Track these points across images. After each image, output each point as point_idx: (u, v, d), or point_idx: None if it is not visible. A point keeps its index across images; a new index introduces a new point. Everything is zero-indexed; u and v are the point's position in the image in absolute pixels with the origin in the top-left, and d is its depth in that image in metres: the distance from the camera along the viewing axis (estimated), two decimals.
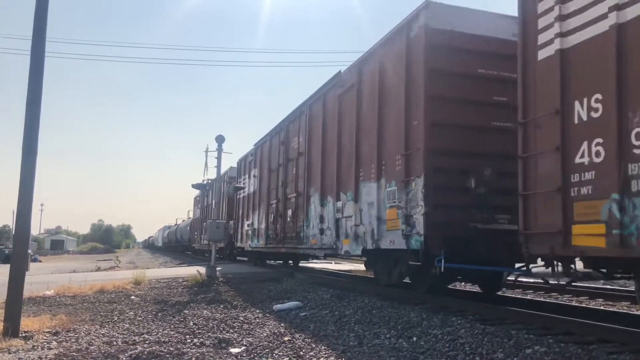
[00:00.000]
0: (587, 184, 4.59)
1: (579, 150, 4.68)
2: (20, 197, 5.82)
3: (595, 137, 4.52)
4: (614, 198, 4.29)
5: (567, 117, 4.81)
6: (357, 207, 8.77)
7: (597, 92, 4.54)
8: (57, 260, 44.71)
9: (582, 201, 4.62)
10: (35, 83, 6.01)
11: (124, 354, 4.70)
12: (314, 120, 11.45)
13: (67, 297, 9.18)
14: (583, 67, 4.71)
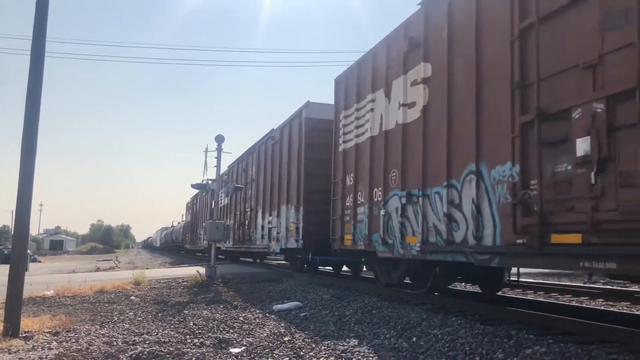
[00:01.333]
0: (347, 215, 9.66)
1: (346, 200, 9.77)
2: (19, 198, 5.82)
3: (350, 194, 9.60)
4: (352, 223, 9.39)
5: (344, 182, 9.92)
6: (278, 221, 13.92)
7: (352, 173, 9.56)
8: (57, 261, 44.69)
9: (347, 223, 9.68)
10: (35, 83, 6.01)
11: (124, 354, 4.70)
12: (261, 157, 16.31)
13: (67, 298, 9.18)
14: (357, 159, 9.42)
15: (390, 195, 8.00)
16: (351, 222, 9.39)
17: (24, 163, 5.87)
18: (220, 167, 14.47)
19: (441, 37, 6.87)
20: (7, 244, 44.35)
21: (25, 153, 5.88)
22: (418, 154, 7.22)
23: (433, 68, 7.07)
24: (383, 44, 8.58)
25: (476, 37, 6.13)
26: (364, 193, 8.96)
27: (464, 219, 6.16)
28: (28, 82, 6.00)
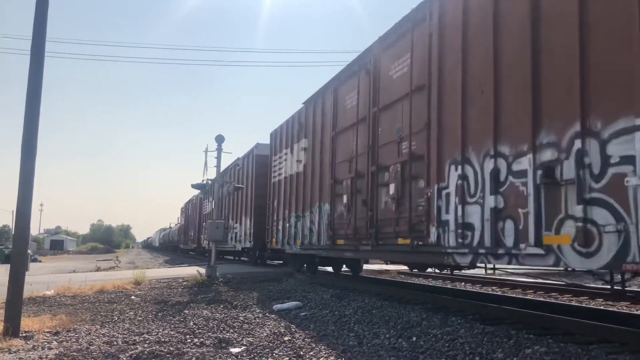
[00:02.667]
0: (274, 226, 14.27)
1: (273, 216, 14.36)
2: (19, 198, 5.82)
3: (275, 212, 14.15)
4: (276, 231, 14.12)
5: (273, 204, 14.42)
6: (240, 227, 19.33)
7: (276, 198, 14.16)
8: (57, 261, 44.69)
9: (273, 231, 14.38)
10: (35, 83, 6.01)
11: (124, 353, 4.70)
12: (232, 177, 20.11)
13: (67, 297, 9.18)
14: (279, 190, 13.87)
15: (290, 214, 12.73)
16: (275, 231, 14.16)
17: (24, 163, 5.87)
18: (220, 167, 14.48)
19: (310, 124, 11.64)
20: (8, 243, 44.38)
21: (26, 153, 5.89)
22: (300, 192, 12.08)
23: (309, 142, 11.73)
24: (288, 121, 13.49)
25: (322, 129, 10.97)
26: (281, 212, 13.65)
27: (316, 230, 10.87)
28: (28, 82, 6.00)
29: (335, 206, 9.80)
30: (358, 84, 9.19)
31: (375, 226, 8.11)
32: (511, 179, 5.31)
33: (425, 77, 6.96)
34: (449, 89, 6.47)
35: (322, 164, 10.69)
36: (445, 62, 6.56)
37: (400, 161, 7.49)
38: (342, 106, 9.96)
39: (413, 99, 7.30)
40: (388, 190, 7.81)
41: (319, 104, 11.17)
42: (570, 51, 4.69)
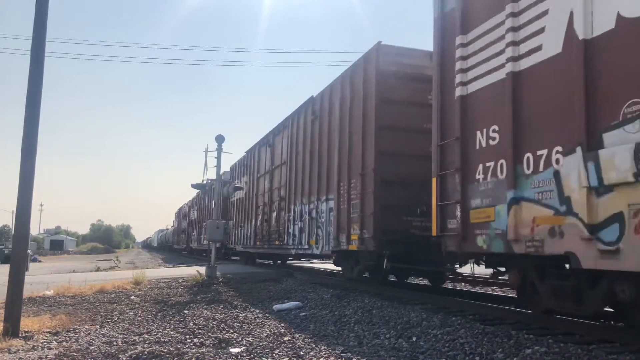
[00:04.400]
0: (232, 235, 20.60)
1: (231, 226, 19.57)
2: (19, 198, 5.82)
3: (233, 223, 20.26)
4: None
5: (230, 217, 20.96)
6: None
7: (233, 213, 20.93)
8: (57, 261, 44.68)
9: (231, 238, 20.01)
10: (35, 83, 6.01)
11: (124, 354, 4.70)
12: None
13: (67, 297, 9.18)
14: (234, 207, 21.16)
15: (238, 224, 19.89)
16: (232, 235, 21.25)
17: (24, 163, 5.87)
18: (220, 167, 14.49)
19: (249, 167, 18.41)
20: (8, 243, 44.37)
21: (25, 153, 5.89)
22: (242, 210, 19.56)
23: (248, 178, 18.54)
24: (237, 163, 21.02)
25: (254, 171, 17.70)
26: (234, 222, 20.95)
27: (250, 236, 17.94)
28: (28, 82, 6.00)
29: (257, 221, 16.56)
30: (266, 150, 16.20)
31: (269, 234, 14.98)
32: (306, 215, 11.84)
33: (287, 156, 13.89)
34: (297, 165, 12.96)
35: (253, 193, 17.54)
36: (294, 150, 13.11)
37: (278, 199, 14.44)
38: (261, 159, 16.79)
39: (282, 167, 14.29)
40: (273, 215, 14.85)
41: (253, 155, 17.84)
42: None
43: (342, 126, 10.07)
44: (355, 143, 9.40)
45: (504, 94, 5.59)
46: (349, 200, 9.46)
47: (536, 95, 5.22)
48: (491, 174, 5.76)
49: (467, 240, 6.03)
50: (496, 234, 5.54)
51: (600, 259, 4.32)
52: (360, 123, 9.21)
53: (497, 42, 5.78)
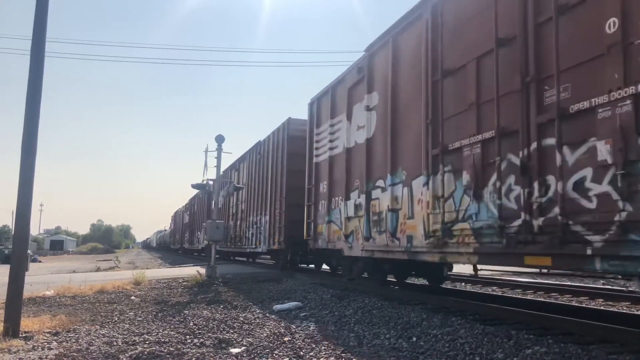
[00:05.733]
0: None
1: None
2: (19, 198, 5.82)
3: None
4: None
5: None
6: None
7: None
8: (57, 261, 44.68)
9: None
10: (35, 83, 6.01)
11: (124, 354, 4.70)
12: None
13: (67, 298, 9.18)
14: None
15: None
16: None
17: (24, 163, 5.87)
18: (220, 167, 14.48)
19: None
20: (8, 244, 44.38)
21: (25, 153, 5.88)
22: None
23: None
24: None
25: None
26: None
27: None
28: (28, 82, 6.00)
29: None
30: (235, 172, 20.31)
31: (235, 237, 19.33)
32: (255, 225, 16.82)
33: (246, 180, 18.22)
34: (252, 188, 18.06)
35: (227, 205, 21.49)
36: None
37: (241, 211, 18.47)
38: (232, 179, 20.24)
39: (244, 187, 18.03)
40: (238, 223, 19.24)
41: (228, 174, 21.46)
42: None
43: (272, 166, 15.08)
44: (278, 179, 14.45)
45: (327, 166, 10.46)
46: (274, 216, 14.51)
47: (337, 170, 10.06)
48: (323, 207, 10.65)
49: (315, 242, 10.98)
50: (323, 239, 10.51)
51: (347, 251, 9.28)
52: (279, 166, 14.34)
53: (327, 137, 10.56)
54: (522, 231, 5.10)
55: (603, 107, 4.32)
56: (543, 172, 4.93)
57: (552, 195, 4.79)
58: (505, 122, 5.39)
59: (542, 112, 4.96)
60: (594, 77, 4.46)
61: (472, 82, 5.94)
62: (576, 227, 4.52)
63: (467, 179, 5.91)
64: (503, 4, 5.53)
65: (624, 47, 4.16)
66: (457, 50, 6.31)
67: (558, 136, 4.72)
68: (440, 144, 6.46)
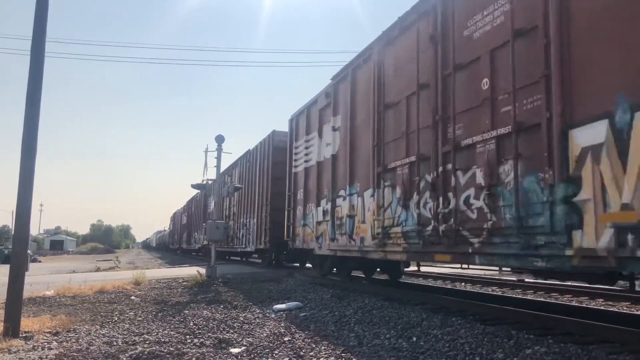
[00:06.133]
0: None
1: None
2: (19, 198, 5.82)
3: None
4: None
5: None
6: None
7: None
8: (57, 261, 44.68)
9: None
10: (35, 83, 6.01)
11: (124, 354, 4.70)
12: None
13: (67, 298, 9.18)
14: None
15: None
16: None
17: (24, 163, 5.87)
18: (220, 167, 14.48)
19: None
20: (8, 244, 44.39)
21: (25, 153, 5.88)
22: None
23: None
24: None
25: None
26: None
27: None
28: (28, 82, 6.00)
29: None
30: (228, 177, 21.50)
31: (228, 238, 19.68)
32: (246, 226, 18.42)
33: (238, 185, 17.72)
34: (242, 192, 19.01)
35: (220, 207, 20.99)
36: None
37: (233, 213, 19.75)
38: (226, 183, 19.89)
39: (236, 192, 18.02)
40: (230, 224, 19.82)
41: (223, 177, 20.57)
42: None
43: (259, 173, 16.60)
44: (264, 185, 15.99)
45: (303, 176, 11.75)
46: (261, 219, 16.13)
47: (310, 180, 11.27)
48: (299, 212, 11.93)
49: (294, 242, 12.35)
50: (300, 240, 11.81)
51: (318, 250, 10.68)
52: (265, 173, 15.85)
53: (303, 151, 11.81)
54: (433, 235, 6.53)
55: (479, 143, 5.80)
56: (445, 190, 6.35)
57: (451, 208, 6.18)
58: (423, 149, 6.90)
59: (445, 144, 6.41)
60: (476, 120, 5.90)
61: (404, 115, 7.45)
62: (464, 232, 5.94)
63: (399, 193, 7.41)
64: (423, 58, 7.02)
65: (492, 100, 5.65)
66: (395, 89, 7.80)
67: (454, 163, 6.21)
68: (382, 164, 7.96)
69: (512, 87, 5.31)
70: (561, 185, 4.64)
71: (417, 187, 6.98)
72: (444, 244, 6.31)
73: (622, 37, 4.18)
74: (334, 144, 10.02)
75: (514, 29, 5.38)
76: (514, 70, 5.32)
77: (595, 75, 4.39)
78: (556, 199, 4.68)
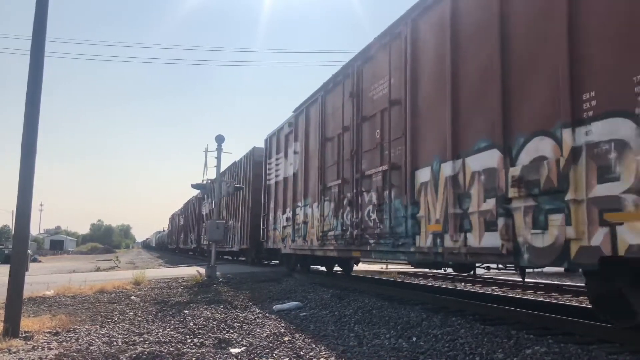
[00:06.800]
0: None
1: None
2: (19, 198, 5.82)
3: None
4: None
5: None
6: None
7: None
8: (57, 261, 44.67)
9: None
10: (35, 83, 6.01)
11: (124, 354, 4.70)
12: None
13: (67, 297, 9.18)
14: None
15: None
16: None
17: (24, 163, 5.87)
18: (220, 167, 14.48)
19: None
20: (8, 243, 44.38)
21: (25, 153, 5.88)
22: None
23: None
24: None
25: None
26: None
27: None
28: (28, 82, 5.99)
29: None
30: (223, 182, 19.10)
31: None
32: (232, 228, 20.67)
33: None
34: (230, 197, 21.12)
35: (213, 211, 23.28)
36: None
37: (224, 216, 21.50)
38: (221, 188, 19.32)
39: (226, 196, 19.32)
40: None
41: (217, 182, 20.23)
42: None
43: (242, 183, 18.46)
44: (246, 193, 18.16)
45: (274, 188, 13.91)
46: (243, 222, 18.38)
47: (279, 192, 13.36)
48: (271, 218, 14.12)
49: (267, 243, 14.65)
50: (271, 241, 13.98)
51: (283, 250, 12.95)
52: (247, 184, 18.06)
53: (274, 167, 13.94)
54: (350, 237, 8.81)
55: (374, 174, 8.03)
56: (357, 205, 8.58)
57: (360, 219, 8.46)
58: (346, 175, 9.18)
59: (357, 172, 8.65)
60: (373, 158, 8.19)
61: (336, 148, 9.75)
62: (366, 235, 8.22)
63: (333, 206, 9.76)
64: (347, 107, 9.28)
65: (381, 145, 7.90)
66: (331, 127, 10.09)
67: (361, 187, 8.51)
68: (323, 183, 10.26)
69: (389, 139, 7.66)
70: (411, 206, 6.91)
71: (342, 202, 9.27)
72: (356, 244, 8.61)
73: (434, 121, 6.55)
74: (295, 164, 12.28)
75: (390, 100, 7.66)
76: (390, 127, 7.66)
77: (424, 141, 6.77)
78: (408, 215, 6.94)
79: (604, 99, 4.11)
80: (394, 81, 7.60)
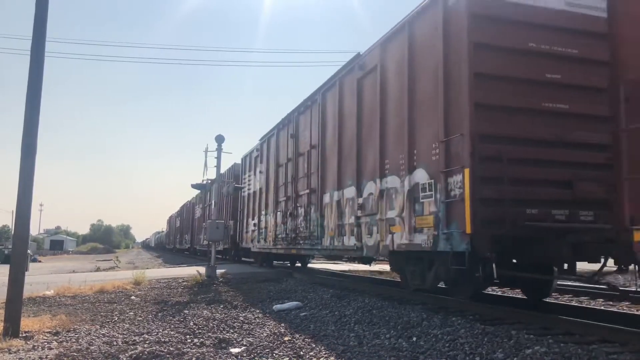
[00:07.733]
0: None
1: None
2: (19, 198, 5.81)
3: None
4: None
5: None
6: None
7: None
8: (57, 261, 44.68)
9: None
10: (35, 83, 6.01)
11: (124, 354, 4.70)
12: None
13: (67, 297, 9.18)
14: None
15: None
16: None
17: (24, 163, 5.87)
18: (220, 167, 14.49)
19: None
20: (8, 244, 44.36)
21: (25, 153, 5.88)
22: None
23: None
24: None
25: None
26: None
27: None
28: (28, 82, 5.99)
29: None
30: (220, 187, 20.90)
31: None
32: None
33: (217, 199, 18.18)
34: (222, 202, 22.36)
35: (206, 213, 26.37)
36: None
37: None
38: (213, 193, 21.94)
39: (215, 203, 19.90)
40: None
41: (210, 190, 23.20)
42: None
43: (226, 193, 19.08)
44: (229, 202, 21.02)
45: (247, 199, 17.63)
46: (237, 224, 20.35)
47: (250, 202, 17.08)
48: (245, 222, 17.75)
49: (242, 243, 18.23)
50: (245, 241, 17.69)
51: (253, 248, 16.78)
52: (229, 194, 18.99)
53: (247, 182, 17.61)
54: (289, 239, 12.27)
55: (304, 195, 11.44)
56: (294, 216, 11.98)
57: (295, 226, 11.89)
58: (289, 193, 12.48)
59: (294, 192, 12.10)
60: (303, 183, 11.62)
61: (284, 172, 13.07)
62: (298, 238, 11.70)
63: (282, 216, 12.97)
64: (290, 144, 12.62)
65: (307, 175, 11.26)
66: (282, 156, 13.38)
67: (297, 203, 11.93)
68: (276, 198, 13.60)
69: (310, 171, 11.21)
70: (320, 218, 10.32)
71: (287, 213, 12.54)
72: (293, 244, 12.09)
73: (332, 163, 10.02)
74: (261, 181, 15.53)
75: (311, 144, 11.17)
76: (310, 163, 11.17)
77: (328, 175, 10.18)
78: (319, 224, 10.32)
79: (392, 166, 7.65)
80: (313, 132, 11.10)
